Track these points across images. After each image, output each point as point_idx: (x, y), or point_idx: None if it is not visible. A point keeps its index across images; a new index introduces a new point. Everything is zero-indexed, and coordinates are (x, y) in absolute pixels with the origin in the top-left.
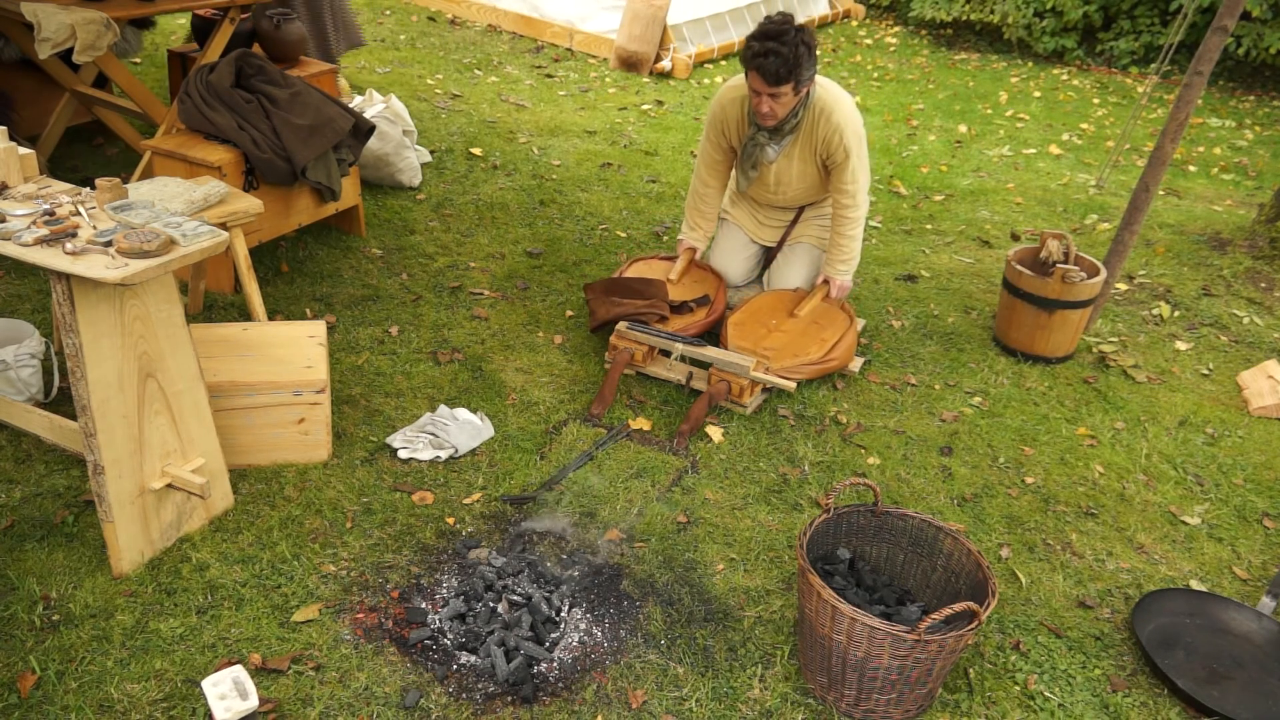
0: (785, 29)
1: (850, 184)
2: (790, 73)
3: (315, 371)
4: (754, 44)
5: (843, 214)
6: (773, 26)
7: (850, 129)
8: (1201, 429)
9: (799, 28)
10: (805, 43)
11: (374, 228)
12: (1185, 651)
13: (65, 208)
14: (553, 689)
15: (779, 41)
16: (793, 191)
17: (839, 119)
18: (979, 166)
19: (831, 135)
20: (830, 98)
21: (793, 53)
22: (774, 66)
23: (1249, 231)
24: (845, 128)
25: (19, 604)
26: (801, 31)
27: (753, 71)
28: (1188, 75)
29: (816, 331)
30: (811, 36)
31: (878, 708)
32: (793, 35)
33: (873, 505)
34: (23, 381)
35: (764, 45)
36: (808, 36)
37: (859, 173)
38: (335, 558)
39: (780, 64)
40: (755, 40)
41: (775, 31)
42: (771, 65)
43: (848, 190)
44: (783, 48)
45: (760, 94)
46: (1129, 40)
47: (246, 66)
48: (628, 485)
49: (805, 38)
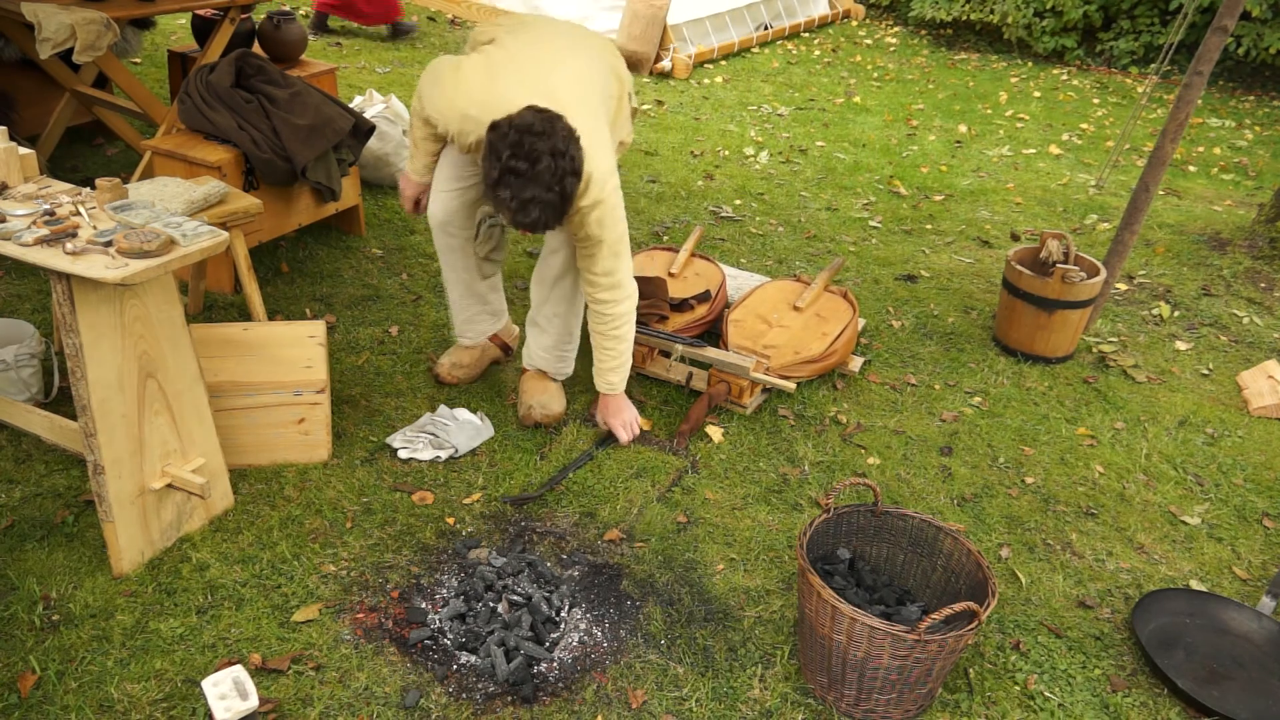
0: (538, 157)
1: (603, 277)
2: (559, 217)
3: (315, 371)
4: (503, 190)
5: (597, 309)
6: (521, 159)
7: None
8: (1201, 429)
9: (554, 151)
10: (568, 170)
11: (374, 228)
12: (1185, 651)
13: (65, 208)
14: (553, 689)
15: (537, 183)
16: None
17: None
18: (979, 166)
19: (579, 214)
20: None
21: (558, 194)
22: (538, 221)
23: (1249, 231)
24: (590, 220)
25: (19, 604)
26: (559, 157)
27: (507, 220)
28: (1188, 75)
29: (819, 325)
30: (565, 142)
31: (878, 708)
32: (549, 166)
33: (873, 505)
34: (23, 381)
35: (519, 195)
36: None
37: (613, 269)
38: (335, 558)
39: (546, 215)
40: (505, 185)
41: (525, 171)
42: (535, 220)
43: (598, 283)
44: (546, 193)
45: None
46: (1129, 40)
47: (246, 66)
48: (628, 485)
49: (564, 163)
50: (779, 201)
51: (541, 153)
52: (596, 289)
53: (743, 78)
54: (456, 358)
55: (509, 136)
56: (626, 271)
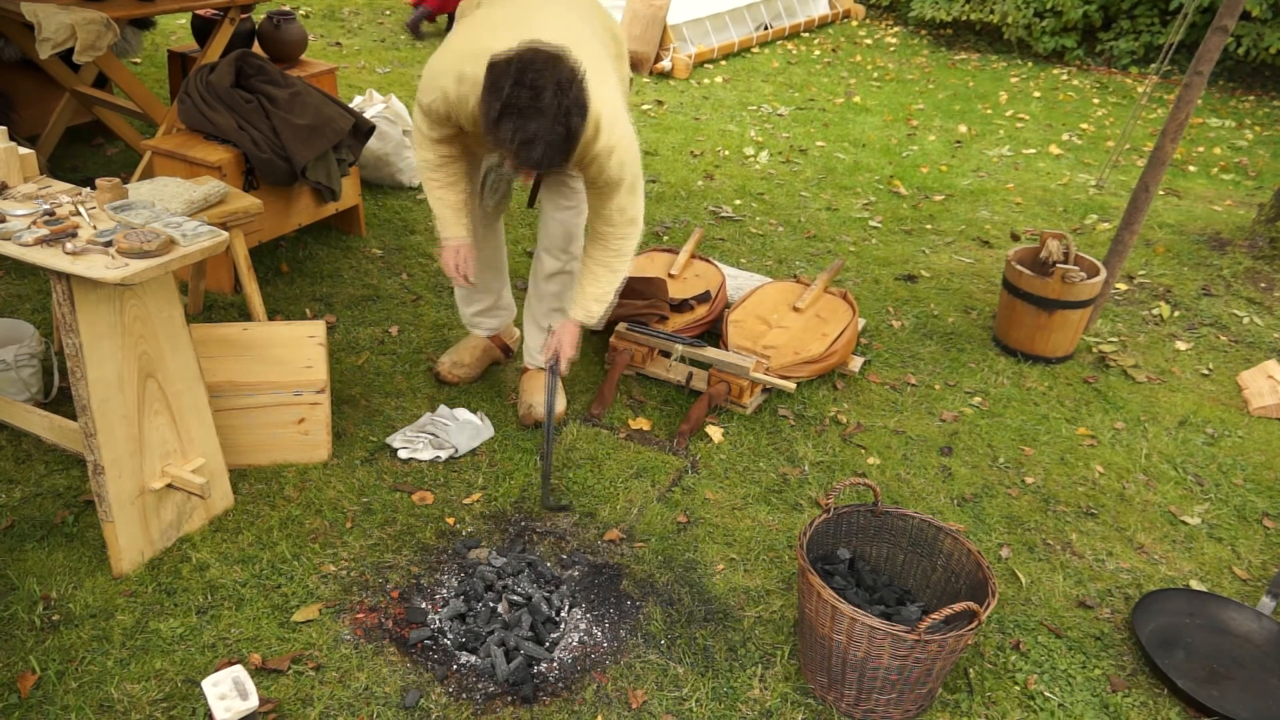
0: (541, 90)
1: (617, 214)
2: (565, 156)
3: (315, 371)
4: (505, 126)
5: (607, 244)
6: (524, 96)
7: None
8: (1201, 429)
9: (558, 84)
10: (572, 105)
11: (374, 228)
12: (1185, 651)
13: (65, 208)
14: (553, 689)
15: (541, 118)
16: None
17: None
18: (979, 166)
19: (589, 163)
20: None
21: (563, 130)
22: (543, 158)
23: (1249, 231)
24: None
25: (19, 604)
26: (563, 91)
27: (510, 160)
28: (1188, 75)
29: (818, 325)
30: (570, 75)
31: (878, 708)
32: (553, 99)
33: (873, 505)
34: (23, 381)
35: (522, 130)
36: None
37: (628, 205)
38: (335, 558)
39: (551, 153)
40: (508, 120)
41: (528, 105)
42: (539, 158)
43: (615, 219)
44: (551, 128)
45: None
46: (1129, 40)
47: (246, 66)
48: (628, 485)
49: (569, 98)
50: (779, 201)
51: (545, 85)
52: (613, 226)
53: (743, 78)
54: (457, 356)
55: (510, 70)
56: (641, 206)
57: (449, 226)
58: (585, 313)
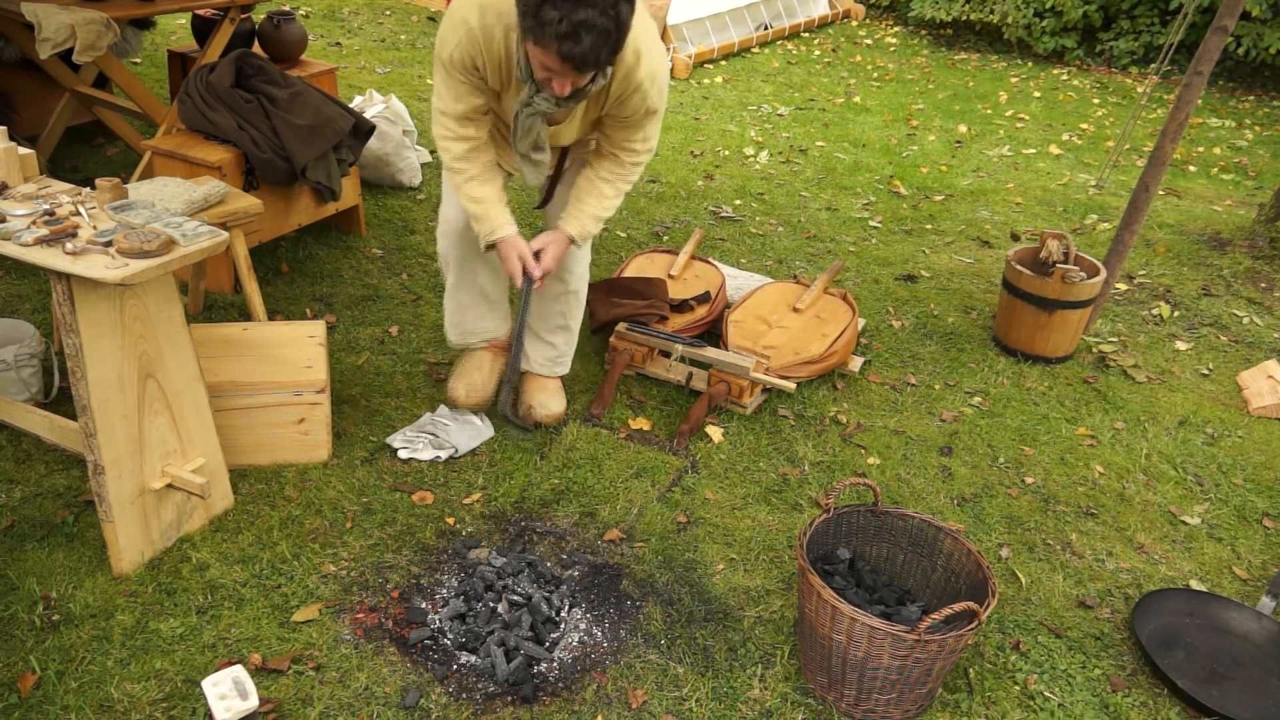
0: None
1: (641, 143)
2: (613, 52)
3: (315, 371)
4: (550, 10)
5: (621, 171)
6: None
7: (660, 84)
8: (1201, 429)
9: None
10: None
11: (374, 228)
12: (1185, 651)
13: (65, 208)
14: (553, 689)
15: (588, 6)
16: (560, 142)
17: (644, 73)
18: (979, 166)
19: (632, 94)
20: (639, 40)
21: (613, 19)
22: (590, 51)
23: (1249, 231)
24: (650, 85)
25: (19, 604)
26: None
27: (552, 54)
28: (1188, 75)
29: (818, 326)
30: None
31: (878, 708)
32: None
33: (873, 505)
34: (23, 381)
35: (569, 16)
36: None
37: (653, 133)
38: (335, 558)
39: (599, 45)
40: (551, 4)
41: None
42: (586, 50)
43: (638, 149)
44: (601, 15)
45: (559, 74)
46: (1129, 40)
47: (246, 66)
48: (628, 485)
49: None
50: (779, 201)
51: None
52: (634, 155)
53: (743, 78)
54: (469, 379)
55: None
56: (654, 144)
57: (494, 221)
58: (580, 228)
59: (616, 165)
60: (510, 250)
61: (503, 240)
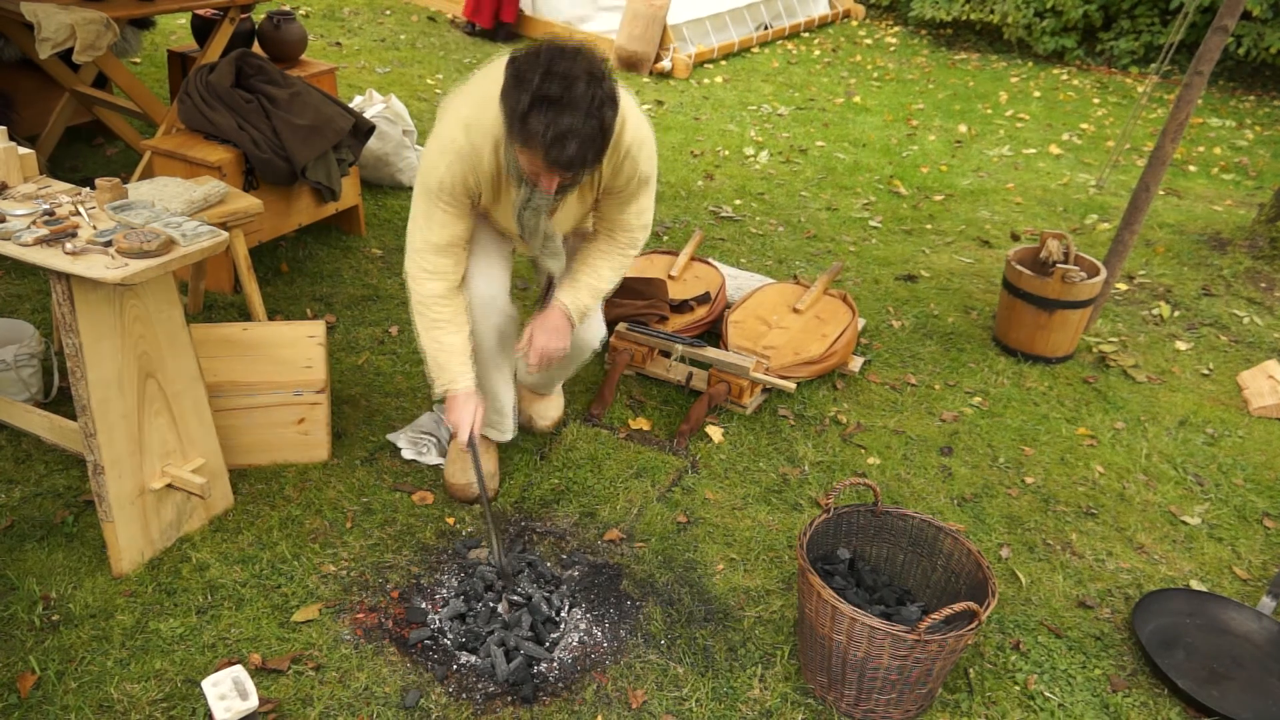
0: (573, 80)
1: (636, 218)
2: (598, 155)
3: (315, 371)
4: (536, 120)
5: (621, 250)
6: (555, 87)
7: (648, 149)
8: (1201, 429)
9: (590, 74)
10: (606, 97)
11: (374, 228)
12: (1185, 651)
13: (65, 208)
14: (553, 689)
15: (574, 111)
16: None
17: (630, 138)
18: (979, 166)
19: (623, 160)
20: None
21: (597, 124)
22: (577, 156)
23: (1249, 231)
24: (640, 150)
25: (19, 604)
26: (596, 82)
27: (540, 160)
28: (1188, 75)
29: (818, 327)
30: (601, 67)
31: (878, 708)
32: (585, 92)
33: (873, 505)
34: (23, 381)
35: (555, 124)
36: (605, 84)
37: (647, 205)
38: (335, 558)
39: (585, 149)
40: (539, 114)
41: (560, 96)
42: (573, 155)
43: (633, 225)
44: (586, 121)
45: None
46: (1129, 40)
47: (246, 66)
48: (628, 485)
49: (602, 89)
50: (779, 201)
51: (577, 76)
52: (632, 231)
53: (743, 78)
54: (490, 467)
55: (538, 60)
56: (650, 220)
57: (454, 371)
58: (575, 301)
59: (613, 243)
60: (465, 405)
61: (462, 392)
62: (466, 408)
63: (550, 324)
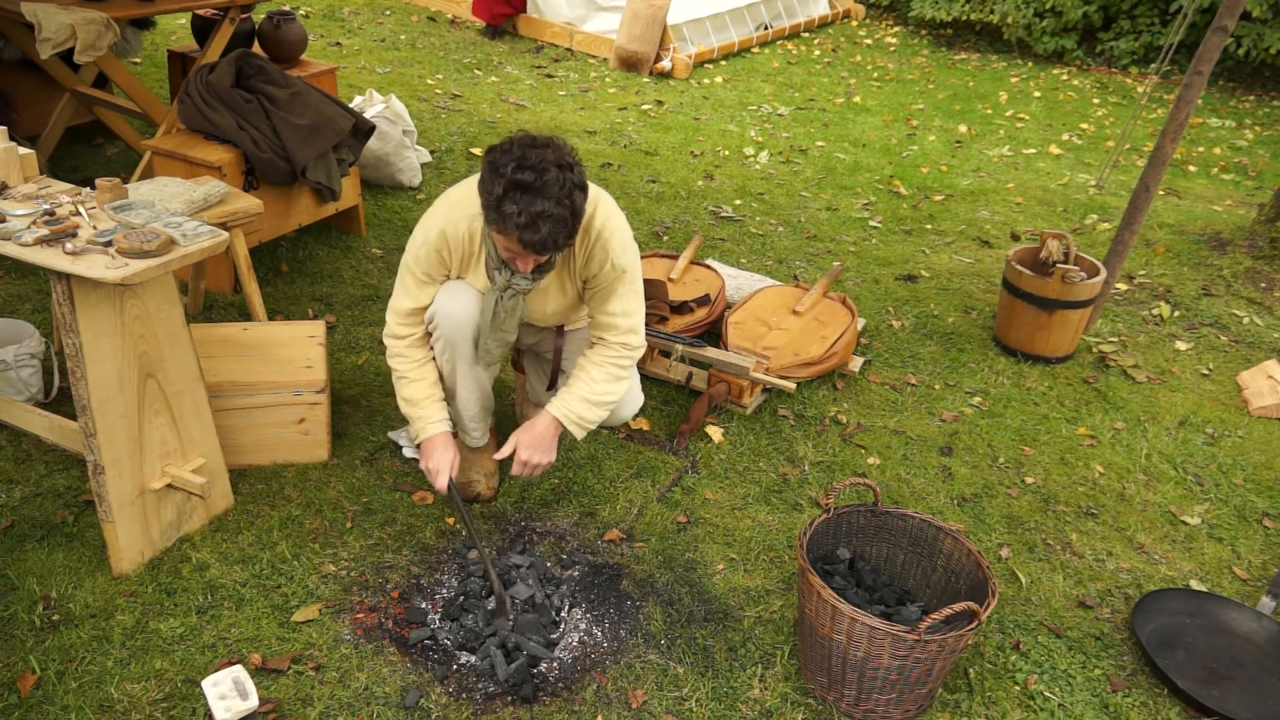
0: (545, 168)
1: (621, 317)
2: (570, 235)
3: (315, 371)
4: (510, 205)
5: (615, 350)
6: (527, 171)
7: (620, 238)
8: (1201, 429)
9: (560, 163)
10: (575, 184)
11: (374, 228)
12: (1185, 651)
13: (65, 208)
14: (553, 689)
15: (545, 196)
16: (548, 318)
17: (600, 224)
18: (979, 166)
19: (594, 246)
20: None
21: (568, 208)
22: (549, 237)
23: (1249, 231)
24: (611, 236)
25: (19, 604)
26: (566, 169)
27: (514, 241)
28: (1188, 75)
29: (817, 329)
30: (571, 157)
31: (878, 708)
32: (556, 179)
33: (873, 505)
34: (23, 381)
35: (528, 209)
36: (575, 171)
37: (630, 306)
38: (335, 558)
39: (556, 231)
40: (513, 199)
41: (532, 183)
42: (545, 237)
43: (619, 325)
44: (556, 206)
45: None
46: (1129, 40)
47: (246, 66)
48: (628, 485)
49: (573, 176)
50: (779, 201)
51: (549, 164)
52: (616, 331)
53: (743, 78)
54: (485, 467)
55: (512, 151)
56: (643, 313)
57: (428, 414)
58: (566, 410)
59: (604, 348)
60: (442, 452)
61: (431, 438)
62: (444, 455)
63: (535, 434)
